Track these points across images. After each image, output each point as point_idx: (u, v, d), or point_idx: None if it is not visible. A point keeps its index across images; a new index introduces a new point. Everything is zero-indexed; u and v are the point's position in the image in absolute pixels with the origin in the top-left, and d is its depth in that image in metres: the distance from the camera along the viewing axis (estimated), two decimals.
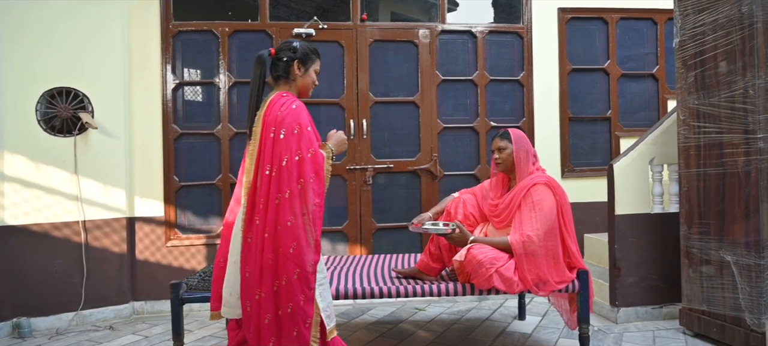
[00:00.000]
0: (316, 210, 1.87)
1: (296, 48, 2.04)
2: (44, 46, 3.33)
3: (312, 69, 2.08)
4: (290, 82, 2.05)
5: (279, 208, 1.81)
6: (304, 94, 2.11)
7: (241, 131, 3.77)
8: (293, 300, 1.80)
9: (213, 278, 2.03)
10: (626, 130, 4.17)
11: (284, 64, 2.03)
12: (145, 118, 3.62)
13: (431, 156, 3.92)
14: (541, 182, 2.39)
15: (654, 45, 4.22)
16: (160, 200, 3.64)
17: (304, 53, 2.05)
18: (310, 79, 2.08)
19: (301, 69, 2.05)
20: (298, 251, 1.80)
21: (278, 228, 1.81)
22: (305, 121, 1.89)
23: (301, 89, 2.08)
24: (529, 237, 2.29)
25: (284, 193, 1.81)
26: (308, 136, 1.87)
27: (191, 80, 3.76)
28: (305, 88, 2.09)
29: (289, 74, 2.04)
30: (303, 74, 2.05)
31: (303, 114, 1.90)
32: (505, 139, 2.53)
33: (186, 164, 3.72)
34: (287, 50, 2.04)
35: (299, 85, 2.07)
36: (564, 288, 2.36)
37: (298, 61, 2.03)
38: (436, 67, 3.96)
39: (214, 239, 3.70)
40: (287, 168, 1.82)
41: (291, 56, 2.02)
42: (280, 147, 1.84)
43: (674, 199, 3.23)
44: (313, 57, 2.08)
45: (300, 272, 1.81)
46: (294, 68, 2.02)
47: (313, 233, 1.85)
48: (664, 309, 3.19)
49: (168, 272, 3.61)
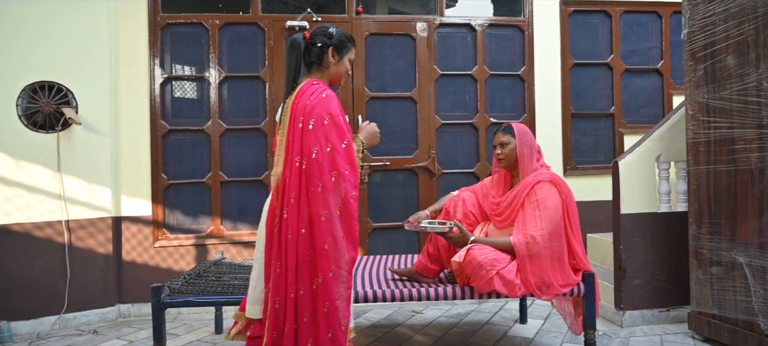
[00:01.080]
0: (353, 203, 1.76)
1: (332, 34, 1.92)
2: (26, 38, 3.19)
3: (347, 57, 1.97)
4: (323, 69, 1.94)
5: (312, 202, 1.72)
6: (337, 82, 2.00)
7: (232, 128, 3.64)
8: (329, 299, 1.70)
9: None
10: (630, 127, 4.04)
11: (318, 50, 1.92)
12: (132, 113, 3.49)
13: (429, 153, 3.79)
14: (545, 180, 2.26)
15: (659, 39, 4.09)
16: (148, 198, 3.51)
17: (339, 40, 1.94)
18: (343, 67, 1.97)
19: (336, 56, 1.94)
20: (334, 247, 1.71)
21: (313, 223, 1.72)
22: (336, 110, 1.79)
23: (333, 78, 1.97)
24: (532, 238, 2.16)
25: (316, 186, 1.72)
26: (340, 125, 1.78)
27: (180, 75, 3.63)
28: (338, 77, 1.98)
29: (322, 61, 1.93)
30: (337, 62, 1.94)
31: (333, 103, 1.80)
32: (508, 133, 2.40)
33: (175, 162, 3.59)
34: (322, 36, 1.92)
35: (332, 74, 1.96)
36: (569, 292, 2.23)
37: (334, 49, 1.92)
38: (435, 61, 3.83)
39: (204, 240, 3.57)
40: (318, 160, 1.72)
41: (326, 42, 1.91)
42: (309, 139, 1.75)
43: (682, 197, 3.10)
44: (348, 45, 1.97)
45: (335, 268, 1.71)
46: (328, 55, 1.92)
47: (351, 228, 1.76)
48: (671, 312, 3.07)
49: (156, 274, 3.48)
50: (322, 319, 1.70)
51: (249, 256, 3.59)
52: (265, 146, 3.66)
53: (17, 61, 3.17)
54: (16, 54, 3.18)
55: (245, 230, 3.65)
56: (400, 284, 2.38)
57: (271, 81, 3.65)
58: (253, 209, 3.66)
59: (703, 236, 2.72)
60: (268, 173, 3.65)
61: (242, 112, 3.68)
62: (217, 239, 3.58)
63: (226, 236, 3.60)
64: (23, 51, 3.19)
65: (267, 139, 3.66)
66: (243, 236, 3.62)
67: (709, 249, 2.68)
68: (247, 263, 2.98)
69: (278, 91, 3.66)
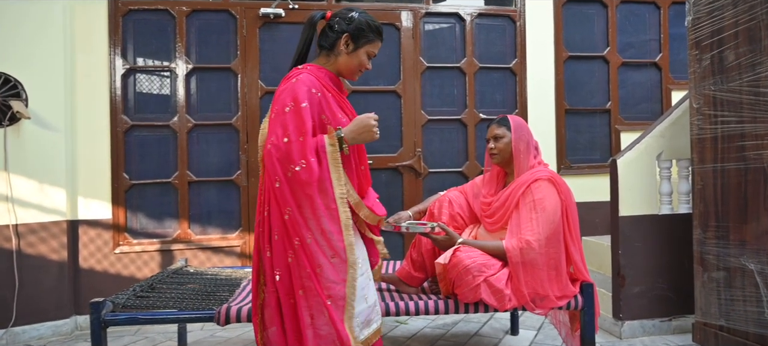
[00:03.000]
0: (316, 204, 1.53)
1: (352, 19, 1.67)
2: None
3: (364, 49, 1.70)
4: (331, 56, 1.70)
5: (276, 199, 1.54)
6: (348, 75, 1.74)
7: (200, 123, 3.36)
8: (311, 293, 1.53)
9: None
10: (627, 124, 3.82)
11: (333, 34, 1.68)
12: (90, 108, 3.20)
13: (414, 151, 3.54)
14: (543, 178, 2.02)
15: (657, 31, 3.88)
16: (108, 200, 3.22)
17: (358, 28, 1.67)
18: (357, 60, 1.70)
19: (350, 46, 1.68)
20: (303, 250, 1.52)
21: (283, 224, 1.54)
22: (302, 96, 1.54)
23: (343, 69, 1.71)
24: (527, 243, 1.92)
25: (274, 182, 1.52)
26: (301, 113, 1.52)
27: (144, 66, 3.34)
28: (349, 70, 1.72)
29: (334, 47, 1.69)
30: (350, 52, 1.69)
31: (301, 89, 1.55)
32: (503, 126, 2.16)
33: (138, 160, 3.31)
34: (341, 19, 1.68)
35: (341, 64, 1.70)
36: (565, 305, 1.99)
37: (348, 36, 1.67)
38: (420, 53, 3.58)
39: (170, 245, 3.29)
40: (271, 152, 1.51)
41: (342, 28, 1.67)
42: (270, 128, 1.57)
43: (684, 198, 2.88)
44: (370, 36, 1.70)
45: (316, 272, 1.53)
46: (340, 42, 1.67)
47: (322, 229, 1.53)
48: (673, 322, 2.84)
49: (117, 282, 3.20)
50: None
51: (219, 262, 3.32)
52: (236, 143, 3.39)
53: None
54: None
55: (215, 234, 3.38)
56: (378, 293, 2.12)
57: (243, 73, 3.38)
58: (223, 212, 3.39)
59: (708, 241, 2.50)
60: (240, 173, 3.38)
61: (212, 107, 3.40)
62: (184, 243, 3.31)
63: (194, 241, 3.33)
64: None
65: (239, 136, 3.39)
66: (213, 240, 3.35)
67: (715, 255, 2.46)
68: (213, 271, 2.71)
69: (251, 84, 3.39)
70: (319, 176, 1.52)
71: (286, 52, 3.46)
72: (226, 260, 3.33)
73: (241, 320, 1.90)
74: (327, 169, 1.54)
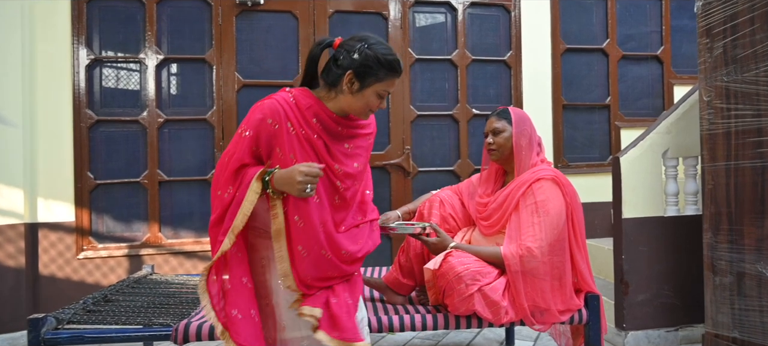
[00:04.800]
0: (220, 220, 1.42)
1: (359, 52, 1.42)
2: None
3: (372, 90, 1.45)
4: (333, 92, 1.47)
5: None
6: (355, 116, 1.51)
7: (172, 118, 3.12)
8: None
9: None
10: (627, 120, 3.63)
11: (337, 69, 1.45)
12: (51, 102, 2.95)
13: (403, 149, 3.33)
14: (546, 177, 1.81)
15: (658, 22, 3.70)
16: (70, 201, 2.98)
17: (363, 65, 1.42)
18: (363, 101, 1.46)
19: (355, 85, 1.44)
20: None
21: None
22: (251, 123, 1.40)
23: (347, 109, 1.48)
24: (528, 250, 1.71)
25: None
26: (236, 138, 1.42)
27: (111, 57, 3.10)
28: (354, 111, 1.48)
29: (337, 84, 1.45)
30: (355, 93, 1.44)
31: (255, 116, 1.40)
32: (504, 119, 1.94)
33: (104, 158, 3.06)
34: (347, 52, 1.44)
35: (343, 104, 1.47)
36: (568, 319, 1.78)
37: (353, 74, 1.43)
38: (409, 44, 3.36)
39: (138, 249, 3.04)
40: (215, 174, 1.47)
41: (347, 63, 1.43)
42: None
43: (691, 199, 2.69)
44: (380, 74, 1.44)
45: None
46: (344, 80, 1.44)
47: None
48: (680, 332, 2.65)
49: (81, 290, 2.95)
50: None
51: (192, 268, 3.08)
52: (211, 140, 3.16)
53: None
54: None
55: (188, 237, 3.14)
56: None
57: (218, 65, 3.15)
58: (197, 213, 3.15)
59: (720, 245, 2.30)
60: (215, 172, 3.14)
61: (185, 101, 3.17)
62: (154, 248, 3.06)
63: (165, 245, 3.09)
64: None
65: (214, 132, 3.15)
66: (185, 244, 3.11)
67: (728, 260, 2.26)
68: (181, 279, 2.47)
69: (227, 77, 3.16)
70: (227, 205, 1.41)
71: (265, 42, 3.23)
72: (199, 266, 3.09)
73: (202, 338, 1.68)
74: (237, 204, 1.38)
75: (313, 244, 1.41)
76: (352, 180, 1.52)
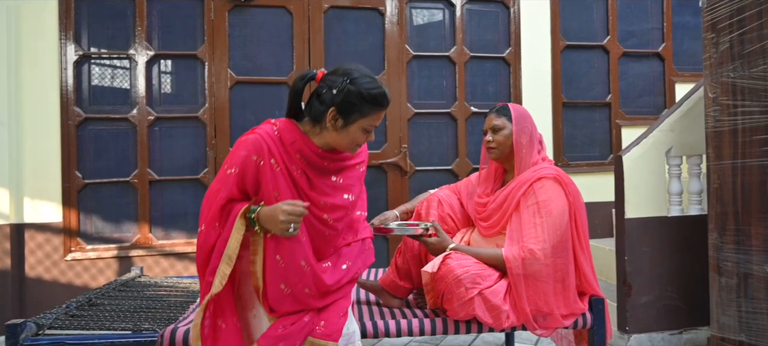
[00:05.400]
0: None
1: (342, 88, 1.37)
2: None
3: (357, 125, 1.41)
4: (317, 127, 1.43)
5: None
6: (343, 148, 1.47)
7: (163, 116, 3.04)
8: None
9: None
10: (628, 119, 3.57)
11: (319, 105, 1.40)
12: (37, 98, 2.87)
13: (400, 147, 3.26)
14: (548, 176, 1.74)
15: (659, 19, 3.64)
16: (58, 201, 2.90)
17: (346, 102, 1.37)
18: (349, 138, 1.42)
19: (338, 122, 1.39)
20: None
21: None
22: (236, 160, 1.37)
23: (332, 144, 1.45)
24: (531, 252, 1.64)
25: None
26: (219, 175, 1.39)
27: (100, 52, 3.01)
28: (340, 147, 1.45)
29: (320, 120, 1.41)
30: (339, 129, 1.40)
31: (240, 153, 1.37)
32: (503, 115, 1.87)
33: (92, 157, 2.98)
34: (329, 88, 1.39)
35: (328, 139, 1.43)
36: (571, 323, 1.71)
37: (335, 111, 1.38)
38: (406, 40, 3.29)
39: (128, 251, 2.96)
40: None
41: (329, 100, 1.38)
42: None
43: (695, 199, 2.63)
44: (364, 109, 1.39)
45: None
46: (327, 117, 1.39)
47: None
48: (684, 335, 2.58)
49: (69, 292, 2.87)
50: None
51: (183, 270, 3.00)
52: (203, 139, 3.08)
53: None
54: None
55: (180, 238, 3.06)
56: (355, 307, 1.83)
57: (211, 61, 3.07)
58: (189, 214, 3.07)
59: (726, 246, 2.23)
60: (207, 171, 3.06)
61: (176, 98, 3.09)
62: (144, 249, 2.98)
63: (155, 246, 3.01)
64: None
65: (206, 130, 3.07)
66: (177, 245, 3.03)
67: (734, 262, 2.20)
68: (171, 281, 2.39)
69: (219, 73, 3.08)
70: (213, 244, 1.36)
71: (259, 37, 3.16)
72: (191, 268, 3.02)
73: (190, 345, 1.59)
74: (223, 240, 1.35)
75: (296, 282, 1.39)
76: (344, 211, 1.49)
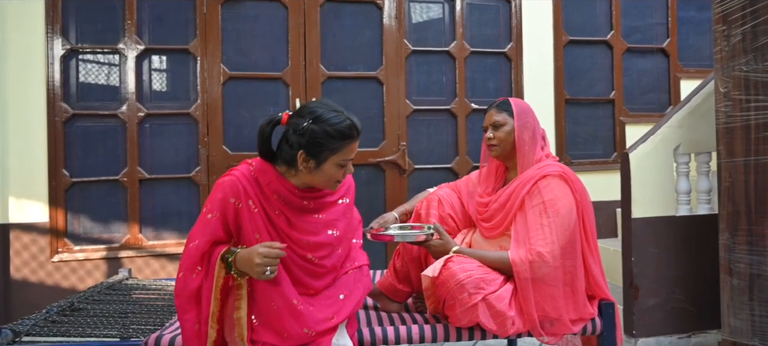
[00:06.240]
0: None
1: (305, 130, 1.33)
2: None
3: (330, 162, 1.37)
4: (292, 169, 1.40)
5: None
6: (323, 187, 1.43)
7: (153, 112, 2.94)
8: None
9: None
10: (632, 116, 3.48)
11: (289, 149, 1.37)
12: (23, 94, 2.78)
13: (398, 145, 3.16)
14: (553, 174, 1.64)
15: (664, 14, 3.55)
16: (44, 201, 2.80)
17: (313, 143, 1.34)
18: (325, 177, 1.38)
19: (310, 163, 1.36)
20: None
21: None
22: (214, 205, 1.34)
23: (312, 184, 1.42)
24: (539, 255, 1.54)
25: None
26: (200, 219, 1.36)
27: (88, 47, 2.91)
28: (320, 185, 1.42)
29: (293, 162, 1.38)
30: (313, 170, 1.37)
31: (217, 196, 1.35)
32: (504, 111, 1.77)
33: (80, 155, 2.88)
34: (293, 132, 1.36)
35: (306, 180, 1.40)
36: (580, 329, 1.62)
37: (304, 153, 1.35)
38: (405, 35, 3.20)
39: (117, 251, 2.87)
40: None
41: (296, 143, 1.35)
42: None
43: (704, 197, 2.54)
44: (333, 146, 1.35)
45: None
46: (299, 160, 1.36)
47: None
48: (693, 339, 2.50)
49: (56, 295, 2.78)
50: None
51: (174, 272, 2.90)
52: (195, 136, 2.98)
53: None
54: None
55: (171, 239, 2.96)
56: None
57: (203, 56, 2.97)
58: (180, 213, 2.97)
59: (739, 247, 2.15)
60: (200, 169, 2.97)
61: (167, 94, 2.99)
62: (134, 250, 2.89)
63: (145, 247, 2.91)
64: None
65: (198, 128, 2.97)
66: (167, 246, 2.93)
67: (747, 263, 2.11)
68: (160, 283, 2.30)
69: (212, 69, 2.98)
70: (192, 290, 1.33)
71: (253, 32, 3.06)
72: None
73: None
74: (209, 285, 1.33)
75: (284, 325, 1.36)
76: (330, 248, 1.46)
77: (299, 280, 1.42)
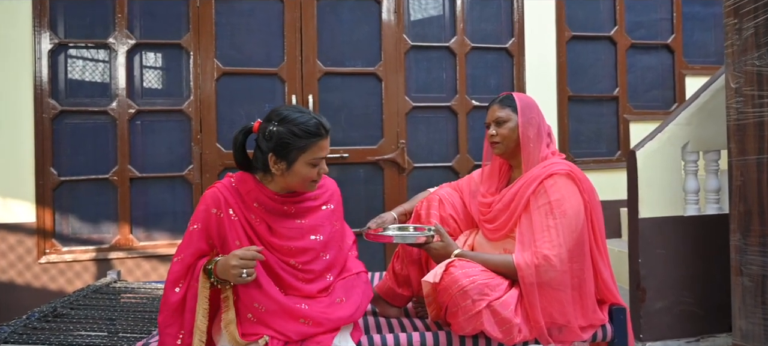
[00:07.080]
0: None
1: (271, 134, 1.36)
2: None
3: (301, 161, 1.38)
4: (268, 175, 1.43)
5: None
6: (299, 188, 1.44)
7: (145, 109, 2.85)
8: None
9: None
10: (636, 113, 3.41)
11: (261, 155, 1.41)
12: (9, 90, 2.68)
13: (397, 143, 3.08)
14: (560, 173, 1.56)
15: (669, 9, 3.48)
16: (31, 200, 2.71)
17: (280, 145, 1.36)
18: (299, 177, 1.40)
19: (281, 164, 1.38)
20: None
21: None
22: (198, 216, 1.37)
23: (289, 187, 1.44)
24: (546, 259, 1.46)
25: None
26: (186, 235, 1.38)
27: (77, 41, 2.82)
28: (297, 187, 1.43)
29: (266, 168, 1.41)
30: (285, 172, 1.39)
31: (201, 208, 1.38)
32: (507, 106, 1.69)
33: (69, 152, 2.79)
34: (262, 136, 1.40)
35: (281, 184, 1.42)
36: (590, 336, 1.54)
37: (274, 156, 1.37)
38: (404, 30, 3.12)
39: (107, 252, 2.78)
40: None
41: (265, 148, 1.39)
42: None
43: (713, 197, 2.47)
44: (300, 145, 1.37)
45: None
46: (270, 164, 1.39)
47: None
48: (702, 343, 2.42)
49: (43, 297, 2.69)
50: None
51: (166, 272, 2.81)
52: (188, 133, 2.89)
53: None
54: None
55: (163, 239, 2.87)
56: None
57: (196, 51, 2.88)
58: (172, 213, 2.89)
59: (751, 248, 2.07)
60: (192, 168, 2.88)
61: (159, 90, 2.90)
62: (124, 251, 2.80)
63: (136, 248, 2.82)
64: None
65: (191, 125, 2.89)
66: (159, 247, 2.84)
67: (760, 264, 2.03)
68: (150, 286, 2.21)
69: (205, 64, 2.89)
70: (175, 304, 1.34)
71: (247, 26, 2.97)
72: None
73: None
74: (193, 297, 1.34)
75: (275, 322, 1.36)
76: (314, 253, 1.45)
77: (290, 284, 1.42)
